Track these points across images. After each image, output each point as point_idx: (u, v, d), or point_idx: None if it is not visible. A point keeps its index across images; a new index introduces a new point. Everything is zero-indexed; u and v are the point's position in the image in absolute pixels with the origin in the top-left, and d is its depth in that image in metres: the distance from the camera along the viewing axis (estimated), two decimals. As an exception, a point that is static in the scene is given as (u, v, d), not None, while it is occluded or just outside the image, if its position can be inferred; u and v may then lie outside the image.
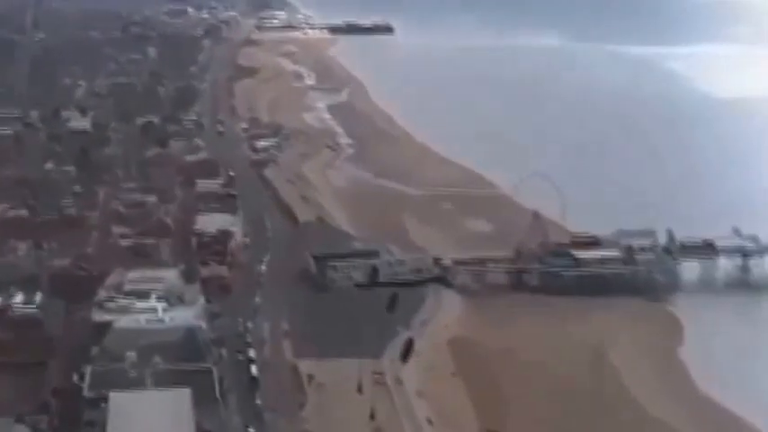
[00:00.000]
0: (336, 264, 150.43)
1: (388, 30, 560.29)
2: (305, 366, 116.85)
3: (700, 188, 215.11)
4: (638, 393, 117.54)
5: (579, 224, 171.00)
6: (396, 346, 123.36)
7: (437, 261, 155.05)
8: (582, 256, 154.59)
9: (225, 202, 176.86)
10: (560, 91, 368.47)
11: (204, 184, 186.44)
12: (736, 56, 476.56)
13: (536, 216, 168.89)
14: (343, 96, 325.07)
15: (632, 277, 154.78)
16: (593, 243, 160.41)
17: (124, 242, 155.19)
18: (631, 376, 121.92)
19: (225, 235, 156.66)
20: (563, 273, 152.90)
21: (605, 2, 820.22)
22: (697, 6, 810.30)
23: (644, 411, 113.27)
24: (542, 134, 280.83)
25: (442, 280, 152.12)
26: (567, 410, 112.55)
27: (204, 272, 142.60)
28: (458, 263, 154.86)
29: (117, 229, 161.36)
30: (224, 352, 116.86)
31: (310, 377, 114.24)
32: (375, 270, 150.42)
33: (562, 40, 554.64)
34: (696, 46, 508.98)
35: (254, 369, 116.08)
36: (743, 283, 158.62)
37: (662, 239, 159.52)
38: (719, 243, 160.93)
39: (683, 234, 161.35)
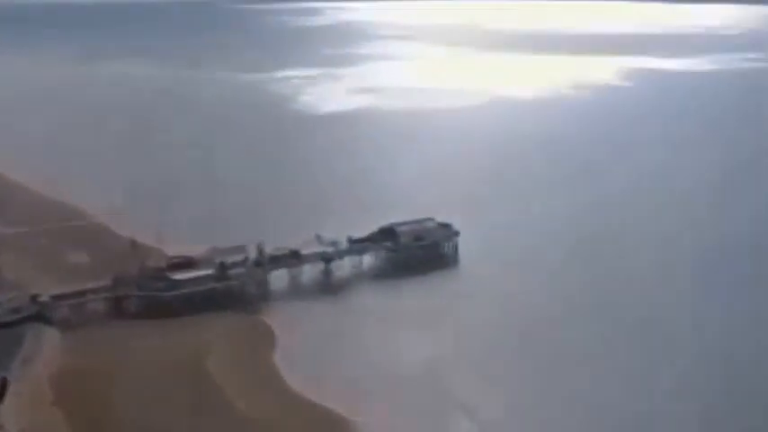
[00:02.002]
0: None
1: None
2: None
3: (291, 196, 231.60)
4: (234, 398, 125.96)
5: (177, 245, 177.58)
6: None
7: (35, 298, 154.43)
8: (178, 278, 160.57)
9: None
10: (166, 116, 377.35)
11: None
12: (319, 77, 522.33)
13: (133, 243, 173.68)
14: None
15: (227, 292, 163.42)
16: (189, 264, 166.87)
17: None
18: (229, 384, 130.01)
19: None
20: (161, 295, 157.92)
21: (213, 36, 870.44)
22: (291, 35, 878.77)
23: (240, 413, 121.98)
24: (140, 159, 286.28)
25: (42, 317, 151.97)
26: (169, 420, 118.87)
27: None
28: (56, 298, 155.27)
29: None
30: None
31: None
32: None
33: (174, 68, 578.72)
34: (291, 70, 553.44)
35: None
36: (326, 286, 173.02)
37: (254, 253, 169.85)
38: (304, 251, 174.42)
39: (286, 242, 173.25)
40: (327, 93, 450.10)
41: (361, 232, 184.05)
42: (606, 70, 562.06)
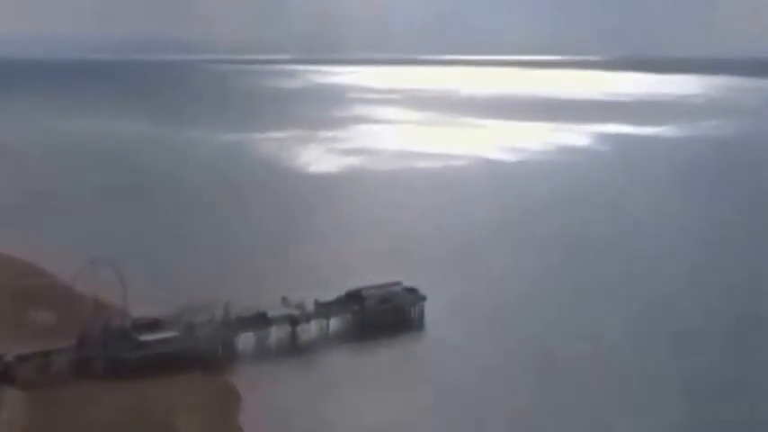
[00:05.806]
0: None
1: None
2: None
3: (272, 258, 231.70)
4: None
5: (145, 305, 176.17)
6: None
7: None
8: (144, 339, 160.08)
9: None
10: (143, 175, 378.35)
11: None
12: (297, 138, 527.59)
13: (97, 303, 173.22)
14: None
15: (193, 353, 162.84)
16: (156, 324, 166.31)
17: None
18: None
19: None
20: (126, 357, 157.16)
21: (186, 92, 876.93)
22: (268, 96, 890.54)
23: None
24: (108, 216, 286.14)
25: (5, 377, 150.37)
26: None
27: None
28: (20, 358, 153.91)
29: None
30: None
31: None
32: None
33: (149, 125, 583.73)
34: (269, 132, 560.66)
35: None
36: (293, 349, 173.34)
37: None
38: (271, 313, 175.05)
39: (253, 303, 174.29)
40: (306, 154, 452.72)
41: (331, 296, 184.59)
42: (584, 136, 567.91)
